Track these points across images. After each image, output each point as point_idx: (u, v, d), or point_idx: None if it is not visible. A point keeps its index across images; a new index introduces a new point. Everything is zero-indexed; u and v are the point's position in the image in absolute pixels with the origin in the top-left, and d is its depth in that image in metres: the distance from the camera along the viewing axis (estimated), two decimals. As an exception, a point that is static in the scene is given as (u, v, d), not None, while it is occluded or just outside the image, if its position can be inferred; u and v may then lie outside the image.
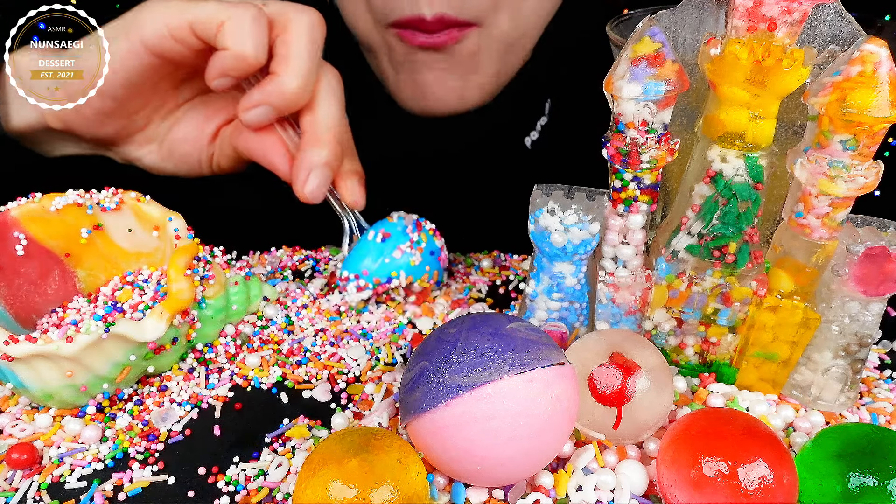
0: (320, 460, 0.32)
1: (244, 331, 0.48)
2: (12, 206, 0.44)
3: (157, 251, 0.47)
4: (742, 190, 0.36)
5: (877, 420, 0.40)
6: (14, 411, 0.42)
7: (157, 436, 0.40)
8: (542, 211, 0.41)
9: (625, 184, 0.38)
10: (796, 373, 0.41)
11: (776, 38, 0.33)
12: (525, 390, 0.32)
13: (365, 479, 0.31)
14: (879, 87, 0.32)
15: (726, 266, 0.38)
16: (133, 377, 0.43)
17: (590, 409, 0.36)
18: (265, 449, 0.39)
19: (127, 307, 0.42)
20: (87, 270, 0.46)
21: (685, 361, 0.43)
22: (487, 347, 0.33)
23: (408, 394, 0.34)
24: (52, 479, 0.37)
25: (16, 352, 0.37)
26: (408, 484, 0.31)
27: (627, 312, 0.42)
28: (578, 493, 0.35)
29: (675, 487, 0.33)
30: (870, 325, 0.39)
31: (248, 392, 0.44)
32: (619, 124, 0.37)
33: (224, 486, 0.37)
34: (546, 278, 0.43)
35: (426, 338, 0.36)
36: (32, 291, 0.44)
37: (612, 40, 0.41)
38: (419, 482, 0.32)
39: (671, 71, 0.35)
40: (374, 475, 0.31)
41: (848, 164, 0.34)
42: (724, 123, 0.36)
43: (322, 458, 0.32)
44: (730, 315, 0.39)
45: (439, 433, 0.33)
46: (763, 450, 0.32)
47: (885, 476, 0.32)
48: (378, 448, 0.32)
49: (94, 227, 0.45)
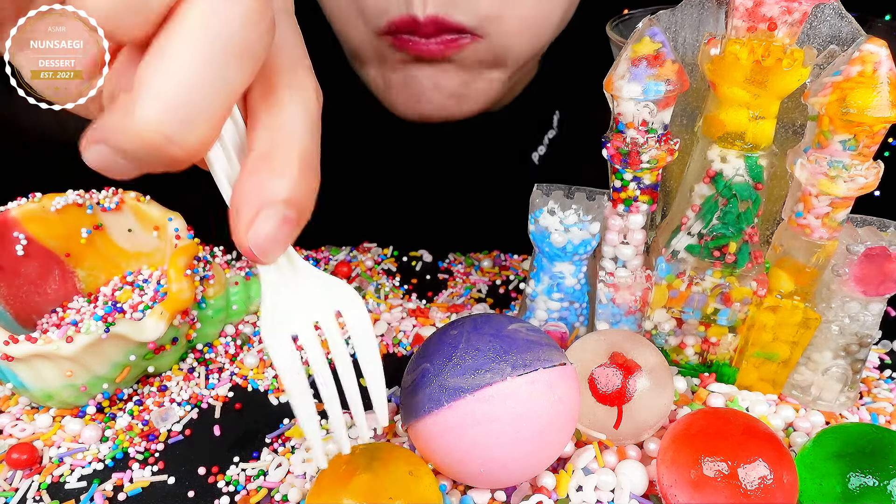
0: (329, 481, 0.31)
1: (244, 331, 0.48)
2: (12, 206, 0.44)
3: (157, 251, 0.47)
4: (742, 190, 0.36)
5: (877, 420, 0.40)
6: (14, 411, 0.42)
7: (157, 436, 0.40)
8: (542, 211, 0.41)
9: (625, 184, 0.38)
10: (796, 373, 0.41)
11: (776, 38, 0.33)
12: (527, 391, 0.32)
13: (378, 496, 0.30)
14: (879, 87, 0.32)
15: (726, 266, 0.38)
16: (133, 377, 0.43)
17: (590, 409, 0.36)
18: (265, 449, 0.39)
19: (127, 307, 0.42)
20: (87, 270, 0.46)
21: (685, 361, 0.43)
22: (489, 349, 0.33)
23: (410, 396, 0.34)
24: (52, 479, 0.37)
25: (16, 352, 0.37)
26: (421, 496, 0.31)
27: (627, 312, 0.42)
28: (578, 493, 0.35)
29: (675, 487, 0.33)
30: (870, 325, 0.39)
31: (248, 392, 0.44)
32: (619, 124, 0.37)
33: (224, 486, 0.37)
34: (546, 278, 0.43)
35: (427, 339, 0.36)
36: (32, 291, 0.44)
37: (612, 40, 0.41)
38: (433, 493, 0.32)
39: (671, 71, 0.35)
40: (387, 490, 0.30)
41: (848, 164, 0.34)
42: (724, 123, 0.36)
43: (331, 478, 0.31)
44: (730, 315, 0.39)
45: (442, 435, 0.33)
46: (763, 450, 0.32)
47: (885, 476, 0.32)
48: (386, 461, 0.31)
49: (94, 227, 0.45)
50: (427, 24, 0.47)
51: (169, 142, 0.22)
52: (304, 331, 0.28)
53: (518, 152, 0.62)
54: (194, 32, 0.22)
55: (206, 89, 0.22)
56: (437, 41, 0.48)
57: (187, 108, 0.22)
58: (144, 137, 0.22)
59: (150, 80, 0.22)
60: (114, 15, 0.22)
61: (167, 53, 0.22)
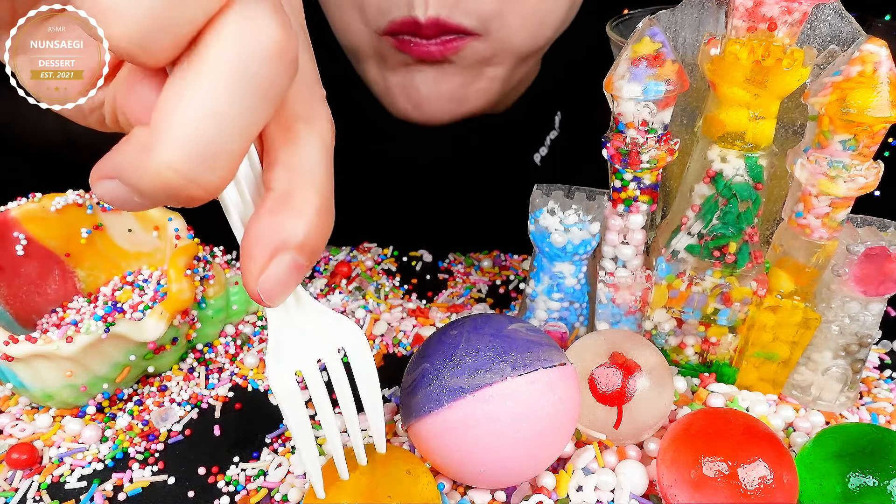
0: (328, 481, 0.31)
1: (244, 331, 0.48)
2: (12, 206, 0.44)
3: (157, 251, 0.47)
4: (742, 190, 0.36)
5: (877, 420, 0.40)
6: (14, 411, 0.42)
7: (157, 436, 0.40)
8: (542, 211, 0.41)
9: (625, 184, 0.38)
10: (796, 373, 0.41)
11: (776, 38, 0.33)
12: (527, 391, 0.32)
13: (376, 495, 0.30)
14: (879, 87, 0.32)
15: (726, 266, 0.38)
16: (133, 377, 0.43)
17: (590, 409, 0.36)
18: (265, 449, 0.39)
19: (127, 307, 0.42)
20: (87, 270, 0.46)
21: (685, 361, 0.43)
22: (489, 349, 0.33)
23: (409, 396, 0.34)
24: (52, 479, 0.37)
25: (16, 352, 0.37)
26: (419, 494, 0.31)
27: (627, 312, 0.42)
28: (578, 493, 0.35)
29: (675, 487, 0.33)
30: (870, 325, 0.39)
31: (248, 392, 0.44)
32: (619, 124, 0.37)
33: (224, 486, 0.37)
34: (546, 278, 0.43)
35: (427, 339, 0.36)
36: (32, 291, 0.44)
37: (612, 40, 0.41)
38: (430, 492, 0.32)
39: (671, 71, 0.35)
40: (384, 489, 0.30)
41: (848, 164, 0.34)
42: (724, 123, 0.36)
43: (329, 478, 0.31)
44: (730, 315, 0.39)
45: (442, 435, 0.33)
46: (763, 450, 0.32)
47: (885, 476, 0.32)
48: (384, 461, 0.32)
49: (94, 227, 0.45)
50: (428, 25, 0.47)
51: (189, 182, 0.21)
52: (307, 367, 0.29)
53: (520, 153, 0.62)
54: (221, 68, 0.21)
55: (230, 128, 0.21)
56: (437, 42, 0.48)
57: (210, 148, 0.21)
58: (164, 178, 0.21)
59: (173, 117, 0.21)
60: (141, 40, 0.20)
61: (191, 89, 0.21)
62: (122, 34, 0.20)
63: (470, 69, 0.51)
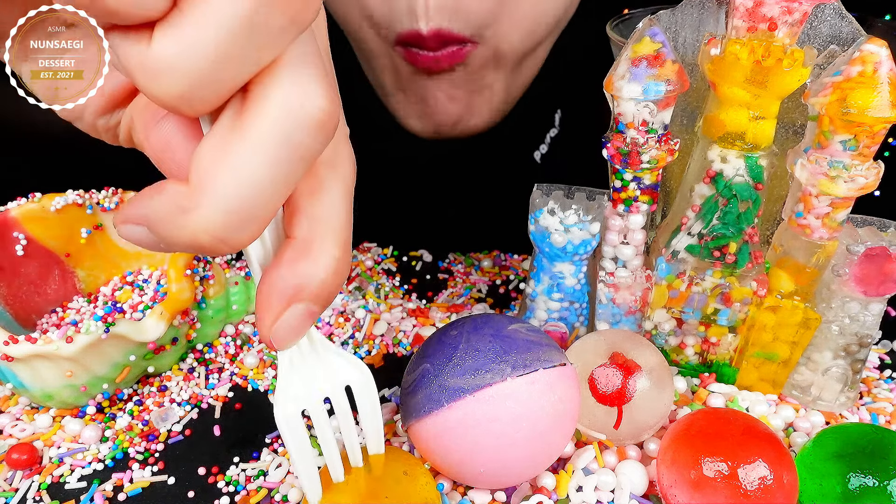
0: (325, 482, 0.31)
1: (244, 331, 0.48)
2: (12, 206, 0.44)
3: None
4: (742, 190, 0.36)
5: (877, 420, 0.40)
6: (14, 411, 0.42)
7: (157, 436, 0.40)
8: (542, 211, 0.41)
9: (625, 184, 0.38)
10: (796, 373, 0.41)
11: (776, 38, 0.33)
12: (527, 392, 0.32)
13: (374, 496, 0.30)
14: (879, 87, 0.32)
15: (726, 266, 0.38)
16: (133, 377, 0.43)
17: (590, 410, 0.36)
18: (265, 449, 0.39)
19: (127, 307, 0.42)
20: (87, 270, 0.46)
21: (685, 361, 0.43)
22: (489, 349, 0.33)
23: (409, 396, 0.34)
24: (52, 480, 0.37)
25: (16, 352, 0.37)
26: (418, 495, 0.31)
27: (627, 312, 0.42)
28: (578, 493, 0.35)
29: (675, 488, 0.33)
30: (870, 325, 0.39)
31: (248, 392, 0.44)
32: (619, 124, 0.37)
33: (224, 487, 0.37)
34: (546, 278, 0.43)
35: (427, 339, 0.36)
36: (32, 291, 0.44)
37: (612, 40, 0.41)
38: (429, 492, 0.32)
39: (671, 71, 0.35)
40: (383, 490, 0.30)
41: (848, 165, 0.34)
42: (725, 123, 0.36)
43: (327, 479, 0.31)
44: (730, 315, 0.39)
45: (442, 436, 0.33)
46: (763, 450, 0.32)
47: (885, 476, 0.32)
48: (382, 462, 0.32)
49: (94, 227, 0.45)
50: (431, 37, 0.48)
51: (222, 243, 0.21)
52: (314, 408, 0.29)
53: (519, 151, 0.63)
54: (267, 139, 0.20)
55: (268, 193, 0.21)
56: (443, 53, 0.49)
57: (247, 212, 0.21)
58: (199, 239, 0.21)
59: (215, 183, 0.20)
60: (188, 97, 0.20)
61: (235, 156, 0.20)
62: (168, 91, 0.19)
63: (475, 74, 0.53)
